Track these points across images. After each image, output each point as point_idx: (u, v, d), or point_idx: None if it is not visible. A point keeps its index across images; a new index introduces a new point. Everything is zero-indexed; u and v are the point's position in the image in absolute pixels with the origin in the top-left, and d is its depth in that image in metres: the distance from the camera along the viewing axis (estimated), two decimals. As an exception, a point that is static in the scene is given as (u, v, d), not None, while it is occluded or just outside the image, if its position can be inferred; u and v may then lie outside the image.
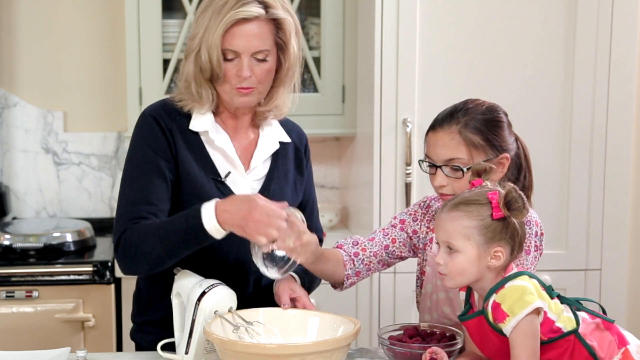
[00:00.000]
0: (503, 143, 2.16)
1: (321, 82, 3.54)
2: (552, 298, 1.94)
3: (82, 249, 3.38)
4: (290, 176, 2.35)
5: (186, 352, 2.07)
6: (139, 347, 2.36)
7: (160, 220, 2.16)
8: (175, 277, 2.16)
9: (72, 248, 3.36)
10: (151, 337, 2.28)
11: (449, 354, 2.04)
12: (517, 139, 2.24)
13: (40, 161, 3.73)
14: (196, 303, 2.04)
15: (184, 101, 2.25)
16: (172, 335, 2.17)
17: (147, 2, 3.44)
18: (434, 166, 2.16)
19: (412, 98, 3.23)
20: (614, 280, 3.35)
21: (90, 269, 3.21)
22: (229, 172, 2.25)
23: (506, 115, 2.21)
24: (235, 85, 2.19)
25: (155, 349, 2.16)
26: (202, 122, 2.25)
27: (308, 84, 3.61)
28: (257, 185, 2.29)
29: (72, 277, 3.21)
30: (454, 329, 2.09)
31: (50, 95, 3.73)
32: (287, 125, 2.40)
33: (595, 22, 3.23)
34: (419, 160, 2.22)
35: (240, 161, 2.28)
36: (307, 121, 3.52)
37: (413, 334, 2.12)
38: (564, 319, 1.93)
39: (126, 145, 3.64)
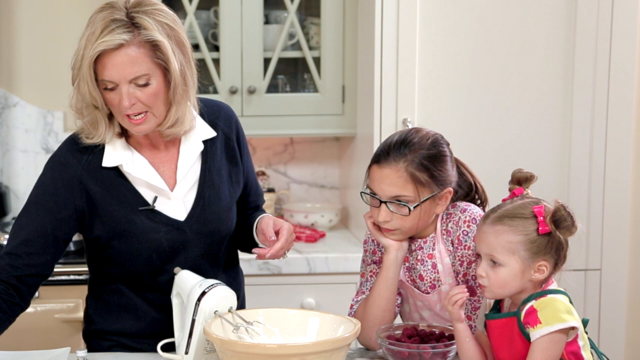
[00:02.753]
0: (447, 177, 2.15)
1: (321, 82, 3.54)
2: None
3: (82, 249, 3.36)
4: (223, 172, 2.27)
5: (186, 352, 2.07)
6: (93, 350, 2.32)
7: None
8: (175, 277, 2.17)
9: (72, 248, 3.36)
10: (106, 344, 2.30)
11: (447, 354, 2.04)
12: (458, 164, 2.24)
13: (40, 161, 3.73)
14: (196, 303, 2.04)
15: (88, 133, 2.15)
16: (125, 345, 2.19)
17: (147, 2, 3.44)
18: (377, 199, 2.14)
19: (412, 98, 3.23)
20: (614, 280, 3.35)
21: (90, 269, 3.21)
22: (156, 197, 2.18)
23: (449, 146, 2.19)
24: (123, 113, 2.08)
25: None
26: (114, 155, 2.16)
27: (308, 84, 3.61)
28: (191, 195, 2.22)
29: (72, 277, 3.21)
30: (452, 329, 2.09)
31: (50, 95, 3.73)
32: (212, 112, 2.29)
33: (595, 22, 3.23)
34: (361, 192, 2.18)
35: (165, 178, 2.20)
36: (307, 121, 3.53)
37: (412, 333, 2.12)
38: (589, 355, 1.94)
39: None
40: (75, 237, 3.38)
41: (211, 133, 2.26)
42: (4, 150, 3.71)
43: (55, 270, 3.19)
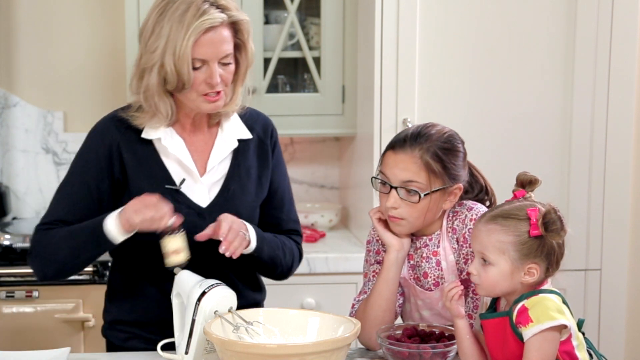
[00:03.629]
0: (458, 173, 2.17)
1: (321, 82, 3.54)
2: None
3: (82, 249, 3.38)
4: (252, 172, 2.32)
5: (186, 352, 2.07)
6: (110, 345, 2.36)
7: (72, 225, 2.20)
8: (175, 277, 2.16)
9: (72, 248, 3.36)
10: (123, 335, 2.31)
11: (447, 354, 2.04)
12: (470, 166, 2.26)
13: (40, 161, 3.73)
14: (196, 303, 2.04)
15: (137, 118, 2.23)
16: (144, 334, 2.18)
17: (147, 3, 3.43)
18: (387, 185, 2.15)
19: (412, 98, 3.23)
20: (614, 280, 3.35)
21: (90, 269, 3.21)
22: (184, 179, 2.23)
23: (463, 144, 2.21)
24: (202, 92, 2.17)
25: (126, 347, 2.21)
26: (154, 129, 2.23)
27: (308, 84, 3.61)
28: (216, 187, 2.28)
29: (72, 277, 3.21)
30: (453, 329, 2.09)
31: (50, 95, 3.73)
32: (251, 117, 2.37)
33: (595, 22, 3.23)
34: (372, 177, 2.20)
35: (197, 164, 2.26)
36: (307, 121, 3.53)
37: (412, 333, 2.12)
38: (584, 355, 1.93)
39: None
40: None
41: (247, 134, 2.33)
42: (4, 150, 3.71)
43: (55, 270, 3.22)
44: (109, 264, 3.20)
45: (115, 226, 2.11)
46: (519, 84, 3.27)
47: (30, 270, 3.16)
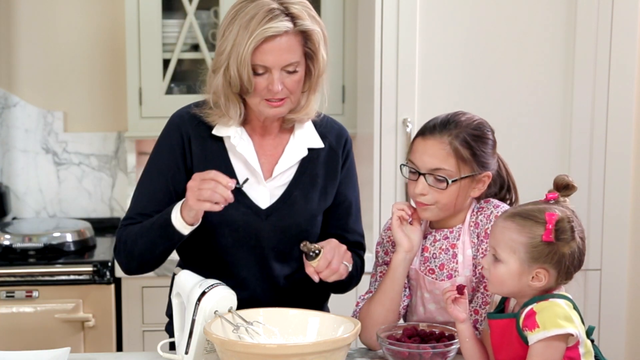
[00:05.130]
0: (487, 161, 2.17)
1: (321, 82, 3.54)
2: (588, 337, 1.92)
3: (82, 249, 3.38)
4: (319, 181, 2.31)
5: (186, 352, 2.07)
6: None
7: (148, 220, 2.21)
8: (175, 277, 2.17)
9: (72, 248, 3.36)
10: None
11: (447, 354, 2.04)
12: (498, 158, 2.25)
13: (40, 161, 3.73)
14: (196, 303, 2.04)
15: (209, 115, 2.25)
16: None
17: (147, 2, 3.44)
18: (416, 172, 2.16)
19: (412, 98, 3.23)
20: (614, 280, 3.35)
21: (90, 269, 3.21)
22: (247, 179, 2.22)
23: (493, 133, 2.21)
24: (265, 97, 2.18)
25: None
26: (225, 127, 2.25)
27: (308, 84, 3.60)
28: (279, 192, 2.27)
29: (72, 277, 3.21)
30: (453, 329, 2.09)
31: (50, 95, 3.73)
32: (326, 126, 2.36)
33: (595, 22, 3.23)
34: (401, 165, 2.21)
35: (264, 168, 2.27)
36: (307, 121, 3.53)
37: (412, 333, 2.12)
38: None
39: (126, 145, 3.65)
40: (76, 237, 3.39)
41: (319, 143, 2.32)
42: (4, 150, 3.71)
43: (55, 270, 3.23)
44: (109, 264, 3.21)
45: (178, 219, 2.12)
46: (519, 83, 3.27)
47: (30, 270, 3.20)
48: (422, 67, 3.22)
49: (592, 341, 1.96)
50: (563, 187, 1.97)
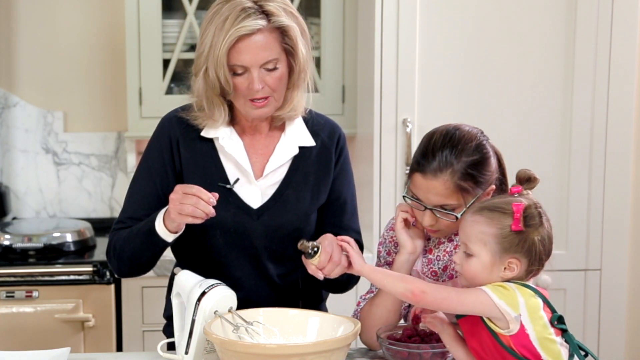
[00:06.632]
0: (490, 177, 2.14)
1: (321, 82, 3.54)
2: (552, 326, 1.89)
3: (82, 249, 3.39)
4: (311, 179, 2.30)
5: (186, 352, 2.07)
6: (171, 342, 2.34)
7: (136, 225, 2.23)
8: (175, 277, 2.17)
9: (72, 248, 3.36)
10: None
11: (447, 354, 2.04)
12: (494, 151, 2.21)
13: (40, 161, 3.73)
14: (196, 303, 2.04)
15: (196, 118, 2.25)
16: None
17: (147, 2, 3.44)
18: (422, 205, 2.13)
19: (412, 98, 3.23)
20: (614, 280, 3.35)
21: (90, 269, 3.21)
22: (237, 179, 2.23)
23: (489, 140, 2.16)
24: (248, 97, 2.17)
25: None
26: (214, 128, 2.25)
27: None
28: (271, 191, 2.27)
29: (72, 277, 3.21)
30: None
31: (50, 95, 3.73)
32: (317, 123, 2.35)
33: (595, 22, 3.23)
34: (403, 196, 2.16)
35: (254, 167, 2.26)
36: (307, 121, 3.53)
37: (412, 333, 2.12)
38: (551, 350, 1.88)
39: (126, 145, 3.65)
40: (76, 237, 3.39)
41: (310, 141, 2.31)
42: (4, 150, 3.71)
43: (55, 270, 3.23)
44: (109, 264, 3.21)
45: (161, 227, 2.13)
46: (519, 84, 3.27)
47: (30, 270, 3.21)
48: (422, 67, 3.22)
49: (565, 330, 1.92)
50: (526, 180, 1.99)
